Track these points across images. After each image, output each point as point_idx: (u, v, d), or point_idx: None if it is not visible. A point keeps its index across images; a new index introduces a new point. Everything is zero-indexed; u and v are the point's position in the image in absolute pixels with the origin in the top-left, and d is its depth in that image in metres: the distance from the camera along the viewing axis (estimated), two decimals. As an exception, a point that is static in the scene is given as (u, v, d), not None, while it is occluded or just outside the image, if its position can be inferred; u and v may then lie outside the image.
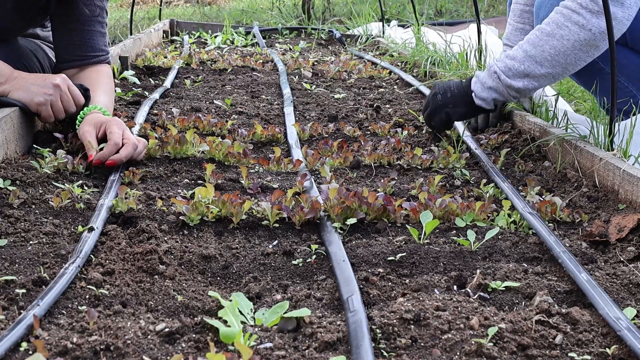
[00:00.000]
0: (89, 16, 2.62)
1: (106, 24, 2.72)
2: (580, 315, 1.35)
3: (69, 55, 2.65)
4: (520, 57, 2.53)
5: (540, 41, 2.49)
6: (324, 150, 2.55)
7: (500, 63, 2.59)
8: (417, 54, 4.52)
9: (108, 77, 2.69)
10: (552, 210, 1.98)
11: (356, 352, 1.18)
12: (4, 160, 2.17)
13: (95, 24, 2.64)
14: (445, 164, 2.46)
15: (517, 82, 2.57)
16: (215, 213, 1.85)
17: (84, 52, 2.64)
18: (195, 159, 2.39)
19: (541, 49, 2.49)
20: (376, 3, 7.00)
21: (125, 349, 1.18)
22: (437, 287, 1.51)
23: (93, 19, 2.63)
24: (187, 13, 9.42)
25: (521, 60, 2.53)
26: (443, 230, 1.88)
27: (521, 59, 2.53)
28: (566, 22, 2.44)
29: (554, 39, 2.46)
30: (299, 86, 3.87)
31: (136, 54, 4.60)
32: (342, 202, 1.89)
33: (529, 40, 2.53)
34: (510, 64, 2.56)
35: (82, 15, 2.60)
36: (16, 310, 1.33)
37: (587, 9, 2.41)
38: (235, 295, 1.42)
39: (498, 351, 1.23)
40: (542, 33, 2.49)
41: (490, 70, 2.62)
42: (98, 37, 2.67)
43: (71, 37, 2.63)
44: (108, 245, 1.63)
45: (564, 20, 2.44)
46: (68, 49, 2.65)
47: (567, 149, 2.36)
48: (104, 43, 2.71)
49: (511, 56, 2.56)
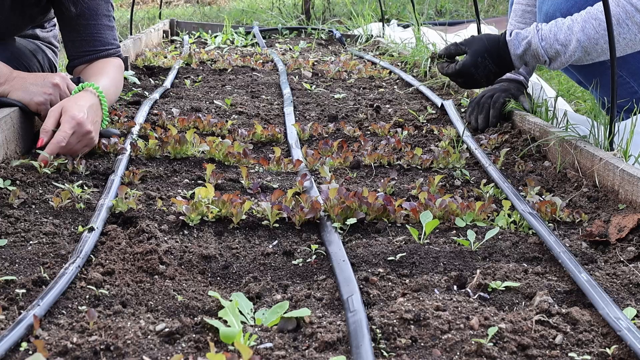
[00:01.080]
0: (94, 11, 2.60)
1: (113, 17, 2.69)
2: (580, 315, 1.35)
3: (78, 52, 2.63)
4: (573, 47, 2.47)
5: (596, 34, 2.44)
6: (324, 150, 2.55)
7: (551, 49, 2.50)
8: (417, 54, 4.52)
9: (116, 66, 2.66)
10: (552, 210, 1.98)
11: (356, 352, 1.18)
12: (4, 160, 2.17)
13: (102, 17, 2.62)
14: (445, 164, 2.46)
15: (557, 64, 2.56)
16: (215, 213, 1.85)
17: (93, 46, 2.63)
18: (195, 159, 2.39)
19: (595, 42, 2.45)
20: (376, 3, 7.00)
21: (125, 349, 1.18)
22: (437, 287, 1.51)
23: (98, 13, 2.61)
24: (187, 13, 9.43)
25: (572, 51, 2.48)
26: (443, 230, 1.88)
27: (573, 48, 2.48)
28: (627, 19, 2.41)
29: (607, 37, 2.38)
30: (299, 86, 3.87)
31: (136, 54, 4.60)
32: (342, 202, 1.89)
33: (585, 31, 2.45)
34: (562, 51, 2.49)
35: (87, 10, 2.58)
36: (16, 310, 1.33)
37: None
38: (235, 295, 1.42)
39: (498, 351, 1.23)
40: (599, 26, 2.42)
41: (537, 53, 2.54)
42: (106, 30, 2.65)
43: (79, 33, 2.61)
44: (108, 245, 1.63)
45: (626, 17, 2.41)
46: (76, 45, 2.63)
47: (567, 149, 2.36)
48: (113, 36, 2.69)
49: (562, 42, 2.48)
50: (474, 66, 2.58)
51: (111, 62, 2.65)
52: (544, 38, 2.50)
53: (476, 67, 2.58)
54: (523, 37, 2.52)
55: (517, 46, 2.51)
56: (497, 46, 2.55)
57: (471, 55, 2.58)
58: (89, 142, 2.28)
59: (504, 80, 3.04)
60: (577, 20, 2.49)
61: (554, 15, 2.73)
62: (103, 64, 2.61)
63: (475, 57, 2.58)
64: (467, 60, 2.60)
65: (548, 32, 2.51)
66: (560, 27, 2.50)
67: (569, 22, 2.51)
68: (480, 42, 2.58)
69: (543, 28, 2.53)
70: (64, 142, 2.17)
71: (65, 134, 2.17)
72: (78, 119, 2.20)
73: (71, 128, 2.19)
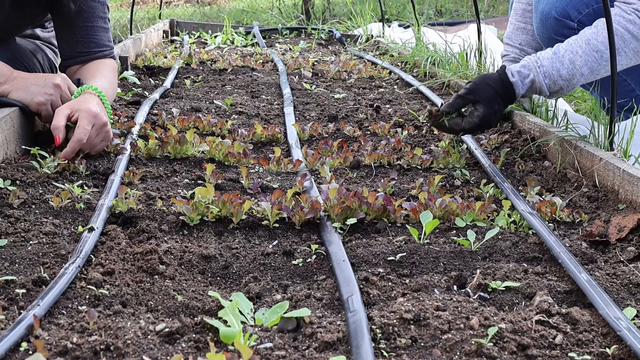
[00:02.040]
0: (90, 12, 2.61)
1: (109, 19, 2.70)
2: (580, 315, 1.35)
3: (72, 52, 2.64)
4: (576, 80, 2.46)
5: (598, 66, 2.45)
6: (324, 150, 2.55)
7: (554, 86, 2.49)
8: (417, 54, 4.52)
9: (110, 68, 2.67)
10: (552, 210, 1.98)
11: (356, 352, 1.18)
12: (4, 160, 2.17)
13: (97, 19, 2.63)
14: (445, 164, 2.46)
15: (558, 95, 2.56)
16: (215, 213, 1.85)
17: (88, 48, 2.63)
18: (195, 159, 2.39)
19: (597, 73, 2.47)
20: (376, 3, 7.00)
21: (125, 349, 1.18)
22: (437, 287, 1.51)
23: (95, 15, 2.62)
24: (187, 13, 9.43)
25: (575, 84, 2.48)
26: (443, 230, 1.88)
27: (576, 82, 2.47)
28: (625, 47, 2.42)
29: (609, 64, 2.36)
30: (299, 86, 3.87)
31: (136, 54, 4.60)
32: (342, 202, 1.89)
33: (587, 64, 2.44)
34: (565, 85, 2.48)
35: (83, 12, 2.59)
36: (16, 310, 1.33)
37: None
38: (235, 295, 1.42)
39: (498, 351, 1.23)
40: (602, 58, 2.43)
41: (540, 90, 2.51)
42: (101, 32, 2.66)
43: (74, 34, 2.62)
44: (108, 245, 1.63)
45: (624, 45, 2.42)
46: (71, 46, 2.64)
47: (567, 149, 2.36)
48: (108, 38, 2.70)
49: (566, 78, 2.46)
50: (493, 114, 2.44)
51: (106, 64, 2.66)
52: (547, 75, 2.47)
53: (495, 115, 2.45)
54: (525, 75, 2.47)
55: (522, 87, 2.48)
56: (504, 88, 2.46)
57: (487, 104, 2.43)
58: (106, 135, 2.30)
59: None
60: (577, 52, 2.46)
61: (549, 13, 2.73)
62: (98, 66, 2.63)
63: (491, 105, 2.44)
64: (485, 111, 2.43)
65: (550, 69, 2.47)
66: (562, 62, 2.46)
67: (570, 55, 2.47)
68: (488, 87, 2.45)
69: (544, 64, 2.48)
70: (84, 138, 2.19)
71: (85, 130, 2.20)
72: (94, 112, 2.23)
73: (89, 123, 2.21)
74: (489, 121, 2.45)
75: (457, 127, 2.45)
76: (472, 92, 2.44)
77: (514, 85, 2.46)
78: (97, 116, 2.24)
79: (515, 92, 2.47)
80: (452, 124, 2.45)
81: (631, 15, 2.40)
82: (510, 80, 2.46)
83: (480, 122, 2.43)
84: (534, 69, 2.48)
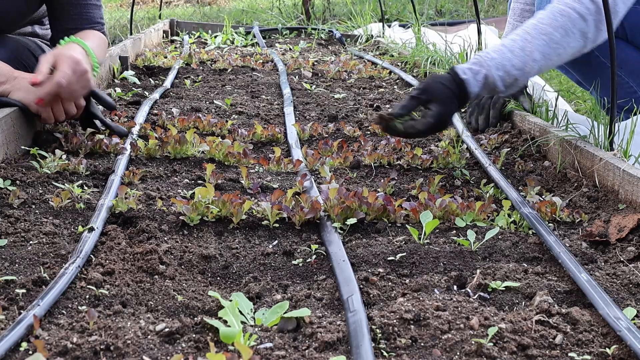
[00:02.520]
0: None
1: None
2: (580, 315, 1.35)
3: (63, 28, 2.60)
4: (529, 67, 2.37)
5: (549, 49, 2.36)
6: (324, 150, 2.55)
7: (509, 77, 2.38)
8: (417, 54, 4.52)
9: (99, 37, 2.63)
10: (552, 210, 1.98)
11: (356, 352, 1.18)
12: (4, 160, 2.17)
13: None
14: (445, 164, 2.46)
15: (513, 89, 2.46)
16: (215, 213, 1.85)
17: (80, 24, 2.61)
18: (195, 159, 2.39)
19: (549, 58, 2.38)
20: (376, 3, 7.00)
21: (125, 349, 1.18)
22: (437, 287, 1.51)
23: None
24: (187, 13, 9.43)
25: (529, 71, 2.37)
26: (443, 230, 1.88)
27: (529, 69, 2.37)
28: (573, 28, 2.35)
29: (560, 47, 2.37)
30: (299, 86, 3.87)
31: (136, 54, 4.60)
32: (342, 202, 1.89)
33: (539, 49, 2.36)
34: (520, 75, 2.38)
35: None
36: (16, 310, 1.33)
37: (594, 17, 2.35)
38: (235, 295, 1.42)
39: (498, 351, 1.23)
40: (551, 40, 2.36)
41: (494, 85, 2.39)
42: (93, 9, 2.64)
43: (66, 11, 2.60)
44: (108, 245, 1.63)
45: (572, 26, 2.35)
46: (62, 22, 2.62)
47: (567, 149, 2.36)
48: (99, 15, 2.68)
49: (519, 67, 2.36)
50: (449, 113, 2.32)
51: (94, 33, 2.63)
52: (499, 67, 2.35)
53: (450, 114, 2.34)
54: (476, 71, 2.35)
55: (474, 84, 2.34)
56: (457, 86, 2.33)
57: (441, 103, 2.31)
58: (86, 83, 2.28)
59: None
60: (526, 39, 2.37)
61: None
62: (85, 34, 2.60)
63: (446, 104, 2.31)
64: (440, 109, 2.30)
65: (502, 60, 2.36)
66: (512, 51, 2.37)
67: (520, 43, 2.37)
68: (441, 86, 2.33)
69: (495, 57, 2.37)
70: (64, 82, 2.17)
71: (65, 74, 2.18)
72: (76, 58, 2.22)
73: (69, 67, 2.20)
74: (444, 120, 2.32)
75: (412, 130, 2.30)
76: (424, 92, 2.33)
77: (465, 82, 2.33)
78: (79, 63, 2.22)
79: (468, 90, 2.34)
80: (407, 127, 2.30)
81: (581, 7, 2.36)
82: (461, 77, 2.33)
83: (436, 121, 2.29)
84: (485, 64, 2.36)
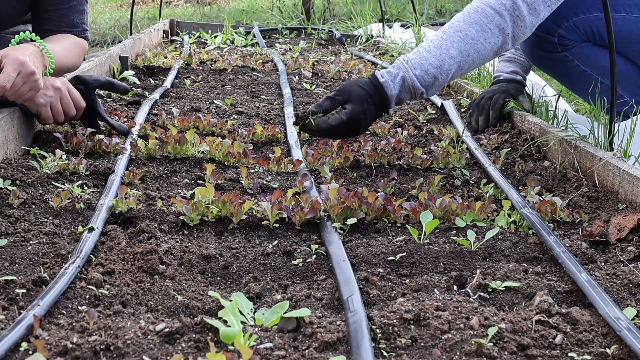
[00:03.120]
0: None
1: (87, 1, 2.65)
2: (580, 315, 1.35)
3: (42, 29, 2.56)
4: (447, 65, 2.35)
5: (466, 45, 2.35)
6: (324, 150, 2.55)
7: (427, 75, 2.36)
8: (417, 54, 4.51)
9: (73, 41, 2.58)
10: (552, 210, 1.98)
11: (356, 352, 1.18)
12: (4, 160, 2.17)
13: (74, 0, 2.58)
14: (445, 164, 2.46)
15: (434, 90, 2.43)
16: (215, 213, 1.85)
17: (57, 27, 2.57)
18: (195, 159, 2.39)
19: (466, 54, 2.36)
20: (376, 3, 7.00)
21: (125, 349, 1.18)
22: (437, 287, 1.51)
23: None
24: (187, 13, 9.43)
25: (447, 69, 2.36)
26: (443, 230, 1.88)
27: (448, 66, 2.35)
28: (490, 24, 2.34)
29: (478, 43, 2.35)
30: (299, 86, 3.87)
31: (136, 54, 4.60)
32: (342, 202, 1.89)
33: (455, 45, 2.34)
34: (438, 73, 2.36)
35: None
36: (16, 310, 1.33)
37: (510, 13, 2.34)
38: (235, 295, 1.42)
39: (498, 351, 1.23)
40: (467, 36, 2.35)
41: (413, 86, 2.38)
42: (75, 14, 2.60)
43: (47, 12, 2.56)
44: (108, 245, 1.63)
45: (487, 22, 2.34)
46: (41, 23, 2.58)
47: (567, 149, 2.36)
48: (82, 20, 2.63)
49: (436, 65, 2.35)
50: (362, 112, 2.32)
51: (69, 37, 2.58)
52: (416, 67, 2.35)
53: (364, 114, 2.32)
54: (394, 74, 2.36)
55: (393, 87, 2.35)
56: (375, 90, 2.35)
57: (356, 102, 2.31)
58: (34, 84, 2.19)
59: (503, 81, 3.04)
60: (442, 37, 2.38)
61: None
62: (58, 36, 2.55)
63: (361, 103, 2.32)
64: (354, 108, 2.31)
65: (419, 59, 2.36)
66: (429, 50, 2.37)
67: (436, 42, 2.38)
68: (358, 88, 2.34)
69: (411, 58, 2.37)
70: (8, 84, 2.09)
71: (9, 77, 2.10)
72: (20, 60, 2.13)
73: (14, 70, 2.11)
74: (358, 120, 2.32)
75: (324, 125, 2.32)
76: (341, 92, 2.34)
77: (384, 85, 2.34)
78: (24, 64, 2.13)
79: (387, 93, 2.35)
80: (319, 122, 2.32)
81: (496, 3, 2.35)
82: (379, 81, 2.35)
83: (348, 118, 2.30)
84: (402, 66, 2.37)
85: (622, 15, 2.74)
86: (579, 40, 2.78)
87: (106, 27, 7.20)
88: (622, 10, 2.75)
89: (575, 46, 2.78)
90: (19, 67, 2.12)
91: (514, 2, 2.35)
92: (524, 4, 2.35)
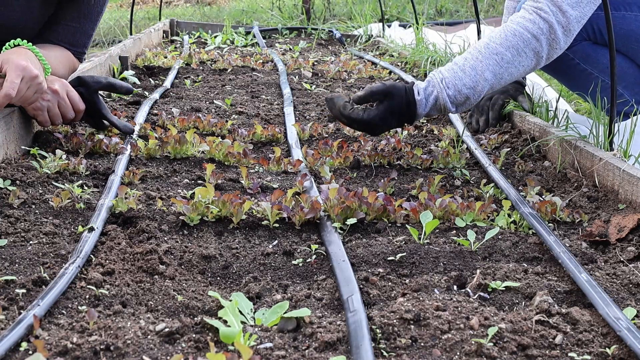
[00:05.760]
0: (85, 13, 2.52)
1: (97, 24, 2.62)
2: (580, 315, 1.35)
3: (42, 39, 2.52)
4: (481, 87, 2.38)
5: (501, 69, 2.37)
6: (324, 150, 2.55)
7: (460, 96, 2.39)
8: (417, 54, 4.52)
9: (65, 56, 2.54)
10: (552, 210, 1.98)
11: (356, 352, 1.18)
12: (4, 160, 2.17)
13: (86, 21, 2.55)
14: (445, 164, 2.46)
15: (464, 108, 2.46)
16: (215, 213, 1.85)
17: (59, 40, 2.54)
18: (195, 159, 2.39)
19: (500, 77, 2.39)
20: (376, 3, 7.00)
21: (125, 349, 1.18)
22: (437, 287, 1.51)
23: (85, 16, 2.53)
24: (187, 13, 9.43)
25: (480, 90, 2.39)
26: (443, 230, 1.88)
27: (481, 88, 2.38)
28: (525, 48, 2.36)
29: (512, 66, 2.37)
30: (299, 86, 3.87)
31: (136, 54, 4.60)
32: (342, 202, 1.89)
33: (490, 68, 2.37)
34: (471, 94, 2.39)
35: (79, 12, 2.52)
36: (16, 310, 1.33)
37: (547, 37, 2.35)
38: (235, 295, 1.42)
39: (498, 351, 1.23)
40: (502, 60, 2.37)
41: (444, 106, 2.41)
42: (81, 35, 2.57)
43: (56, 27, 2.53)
44: (108, 245, 1.63)
45: (524, 46, 2.36)
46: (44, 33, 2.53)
47: (567, 149, 2.36)
48: (84, 43, 2.60)
49: (470, 85, 2.37)
50: (382, 120, 2.39)
51: (63, 51, 2.55)
52: (450, 86, 2.37)
53: (383, 121, 2.39)
54: (429, 93, 2.39)
55: (424, 106, 2.39)
56: (407, 104, 2.38)
57: (384, 110, 2.38)
58: (38, 87, 2.17)
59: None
60: (478, 58, 2.39)
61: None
62: (53, 47, 2.51)
63: (386, 113, 2.38)
64: (378, 114, 2.38)
65: (453, 79, 2.38)
66: (463, 70, 2.38)
67: (471, 62, 2.39)
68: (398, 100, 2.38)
69: (446, 77, 2.39)
70: (13, 91, 2.06)
71: (14, 84, 2.07)
72: (22, 64, 2.10)
73: (17, 76, 2.09)
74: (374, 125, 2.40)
75: (342, 110, 2.39)
76: (386, 92, 2.39)
77: (417, 103, 2.39)
78: (26, 69, 2.10)
79: (417, 111, 2.40)
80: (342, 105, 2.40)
81: (532, 15, 2.36)
82: (415, 98, 2.39)
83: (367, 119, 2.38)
84: (437, 85, 2.40)
85: (621, 13, 2.74)
86: (579, 39, 2.78)
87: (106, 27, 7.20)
88: (622, 8, 2.75)
89: (576, 44, 2.78)
90: (22, 72, 2.10)
91: (550, 25, 2.35)
92: (559, 27, 2.36)
